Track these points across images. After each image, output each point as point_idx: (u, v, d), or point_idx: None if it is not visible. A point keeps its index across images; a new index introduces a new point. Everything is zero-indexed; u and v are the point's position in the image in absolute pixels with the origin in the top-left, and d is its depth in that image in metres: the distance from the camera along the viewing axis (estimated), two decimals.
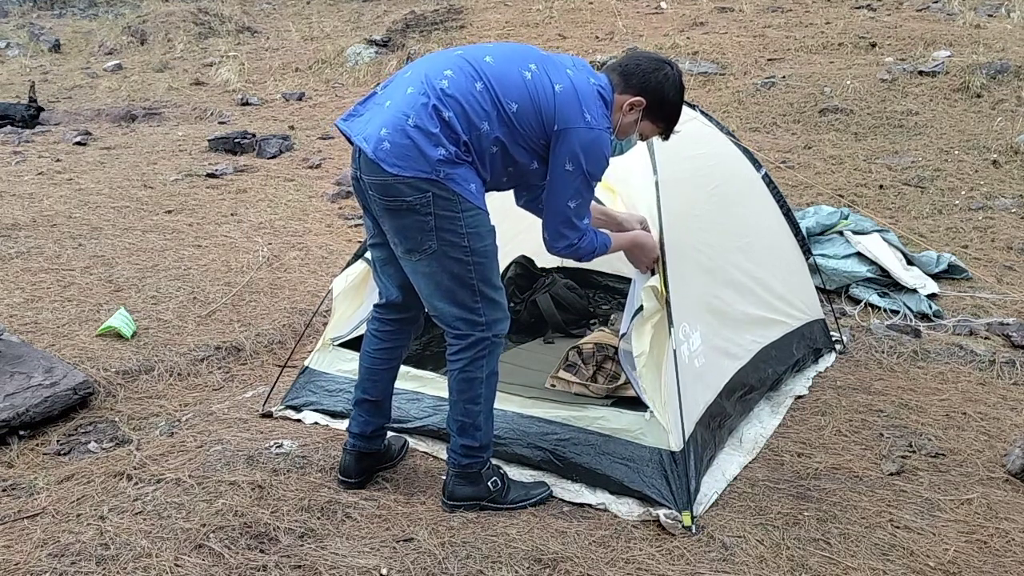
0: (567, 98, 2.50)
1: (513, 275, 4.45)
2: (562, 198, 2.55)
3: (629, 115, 2.65)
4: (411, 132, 2.43)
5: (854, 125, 8.00)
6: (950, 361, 4.09)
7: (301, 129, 8.77)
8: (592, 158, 2.51)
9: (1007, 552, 2.64)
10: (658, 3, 12.89)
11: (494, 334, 2.63)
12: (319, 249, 5.31)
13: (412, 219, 2.49)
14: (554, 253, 2.71)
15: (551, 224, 2.61)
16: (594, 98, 2.55)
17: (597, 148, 2.52)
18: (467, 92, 2.47)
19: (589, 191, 2.59)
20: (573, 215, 2.57)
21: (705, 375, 3.02)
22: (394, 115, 2.46)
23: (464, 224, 2.50)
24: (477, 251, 2.54)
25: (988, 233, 5.84)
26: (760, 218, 3.86)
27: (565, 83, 2.52)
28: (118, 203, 6.09)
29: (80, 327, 4.02)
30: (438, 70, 2.51)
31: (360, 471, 2.87)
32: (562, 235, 2.60)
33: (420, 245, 2.52)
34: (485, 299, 2.59)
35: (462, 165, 2.48)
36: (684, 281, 2.97)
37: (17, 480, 2.90)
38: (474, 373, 2.63)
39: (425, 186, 2.45)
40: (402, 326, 2.82)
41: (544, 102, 2.50)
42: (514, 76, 2.51)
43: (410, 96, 2.47)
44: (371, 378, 2.84)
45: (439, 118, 2.44)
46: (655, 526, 2.68)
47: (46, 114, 9.57)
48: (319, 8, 15.60)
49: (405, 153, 2.43)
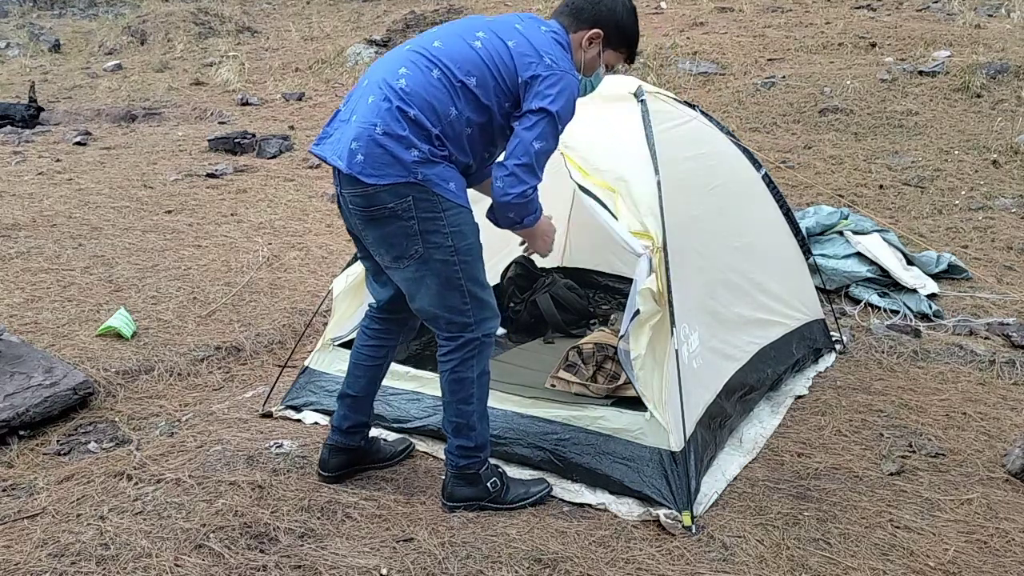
0: (522, 49, 2.52)
1: (513, 275, 4.44)
2: (527, 137, 2.47)
3: (590, 50, 2.67)
4: (381, 140, 2.44)
5: (854, 125, 8.01)
6: (950, 361, 4.09)
7: (301, 129, 8.77)
8: (559, 99, 2.49)
9: (1007, 552, 2.64)
10: (658, 3, 12.90)
11: (483, 334, 2.64)
12: (319, 249, 5.31)
13: (396, 225, 2.50)
14: (502, 203, 2.51)
15: (510, 164, 2.47)
16: (550, 44, 2.56)
17: (565, 90, 2.50)
18: (426, 83, 2.48)
19: (554, 138, 2.53)
20: (535, 160, 2.48)
21: (703, 377, 3.02)
22: (361, 127, 2.48)
23: (447, 223, 2.51)
24: (462, 250, 2.55)
25: (988, 233, 5.84)
26: (760, 218, 3.86)
27: (517, 38, 2.54)
28: (118, 203, 6.09)
29: (80, 327, 4.02)
30: (393, 71, 2.52)
31: (336, 466, 2.90)
32: (521, 180, 2.47)
33: (406, 251, 2.53)
34: (473, 299, 2.60)
35: (438, 164, 2.49)
36: (684, 282, 2.96)
37: (17, 480, 2.90)
38: (464, 373, 2.64)
39: (405, 190, 2.46)
40: (391, 326, 2.85)
41: (501, 62, 2.51)
42: (464, 50, 2.52)
43: (372, 104, 2.49)
44: (355, 372, 2.87)
45: (405, 118, 2.45)
46: (655, 526, 2.68)
47: (46, 114, 9.56)
48: (319, 8, 15.60)
49: (379, 161, 2.45)
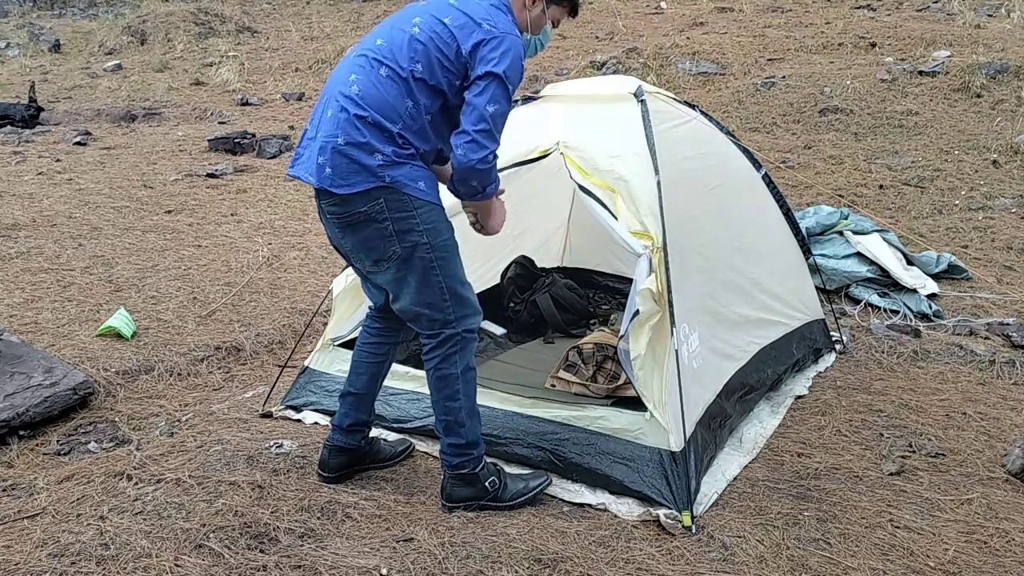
0: (459, 22, 2.55)
1: (513, 275, 4.45)
2: (480, 102, 2.48)
3: (534, 8, 2.72)
4: (344, 150, 2.50)
5: (854, 125, 8.01)
6: (950, 361, 4.09)
7: (301, 129, 8.73)
8: (503, 60, 2.50)
9: (1007, 552, 2.64)
10: (658, 3, 12.91)
11: (464, 329, 2.66)
12: (319, 249, 5.31)
13: (371, 229, 2.55)
14: (465, 169, 2.51)
15: (469, 130, 2.48)
16: (486, 10, 2.59)
17: (508, 50, 2.52)
18: (376, 83, 2.52)
19: (507, 100, 2.54)
20: (492, 123, 2.49)
21: (703, 377, 3.02)
22: (324, 141, 2.54)
23: (421, 222, 2.55)
24: (437, 247, 2.59)
25: (988, 233, 5.83)
26: (760, 218, 3.85)
27: (452, 12, 2.58)
28: (118, 203, 6.09)
29: (80, 327, 4.02)
30: (344, 79, 2.58)
31: (337, 466, 2.90)
32: (481, 145, 2.48)
33: (384, 253, 2.58)
34: (453, 295, 2.63)
35: (405, 164, 2.53)
36: (684, 282, 2.96)
37: (17, 480, 2.90)
38: (448, 370, 2.66)
39: (376, 193, 2.51)
40: (391, 324, 2.88)
41: (441, 42, 2.53)
42: (404, 40, 2.56)
43: (331, 117, 2.54)
44: (356, 371, 2.90)
45: (364, 124, 2.49)
46: (655, 526, 2.68)
47: (46, 114, 9.56)
48: (319, 8, 15.61)
49: (346, 171, 2.50)
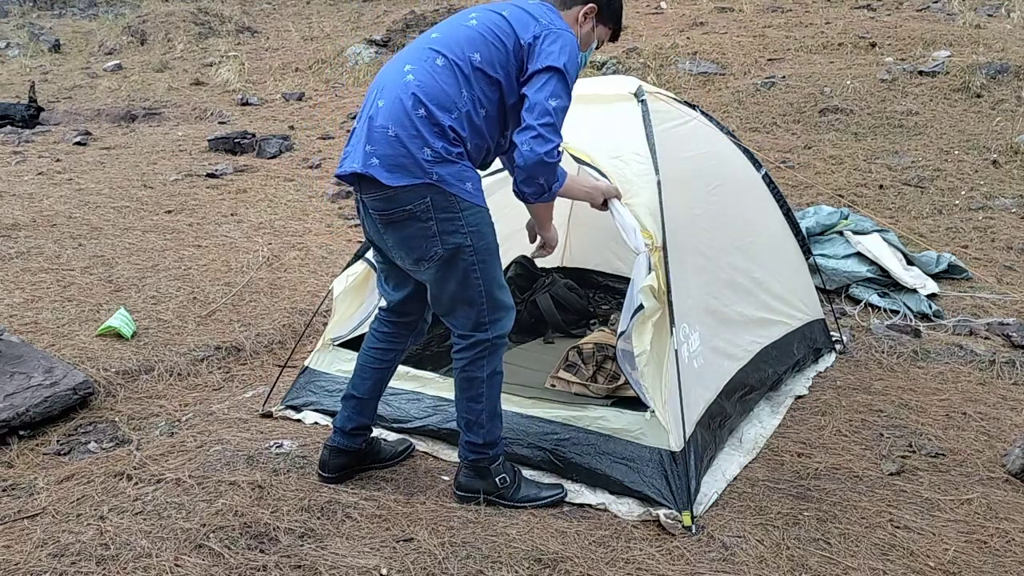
0: (518, 15, 2.57)
1: (513, 275, 4.45)
2: (541, 97, 2.46)
3: (585, 25, 2.73)
4: (394, 141, 2.46)
5: (854, 125, 8.00)
6: (950, 361, 4.09)
7: (301, 129, 8.77)
8: (563, 54, 2.50)
9: (1007, 552, 2.64)
10: (658, 3, 12.90)
11: (496, 335, 2.65)
12: (319, 249, 5.31)
13: (415, 227, 2.51)
14: (532, 163, 2.45)
15: (534, 124, 2.44)
16: (543, 11, 2.61)
17: (567, 45, 2.52)
18: (432, 72, 2.50)
19: (567, 95, 2.52)
20: (555, 117, 2.47)
21: (704, 376, 3.02)
22: (374, 131, 2.50)
23: (465, 224, 2.52)
24: (480, 249, 2.56)
25: (988, 233, 5.84)
26: (760, 218, 3.86)
27: (510, 8, 2.60)
28: (118, 203, 6.09)
29: (80, 327, 4.02)
30: (399, 70, 2.55)
31: (337, 467, 2.90)
32: (547, 139, 2.44)
33: (426, 253, 2.54)
34: (490, 299, 2.61)
35: (454, 163, 2.49)
36: (684, 281, 2.97)
37: (17, 480, 2.90)
38: (474, 373, 2.66)
39: (423, 191, 2.47)
40: (400, 330, 2.86)
41: (500, 31, 2.55)
42: (462, 31, 2.57)
43: (383, 108, 2.51)
44: (361, 375, 2.87)
45: (417, 116, 2.45)
46: (655, 526, 2.68)
47: (46, 114, 9.56)
48: (319, 8, 15.61)
49: (395, 163, 2.46)
